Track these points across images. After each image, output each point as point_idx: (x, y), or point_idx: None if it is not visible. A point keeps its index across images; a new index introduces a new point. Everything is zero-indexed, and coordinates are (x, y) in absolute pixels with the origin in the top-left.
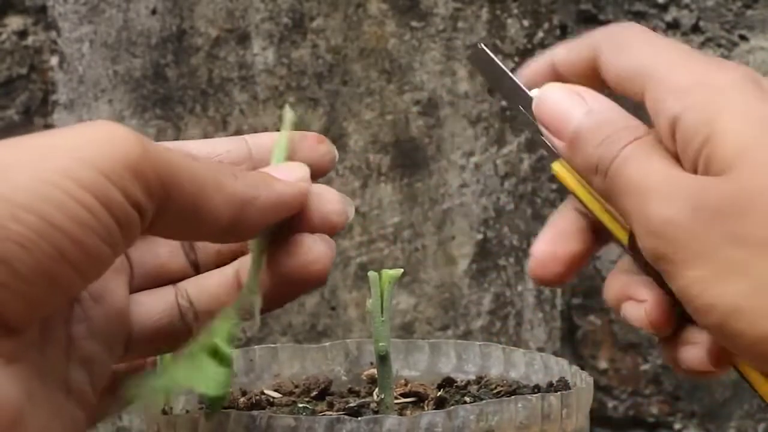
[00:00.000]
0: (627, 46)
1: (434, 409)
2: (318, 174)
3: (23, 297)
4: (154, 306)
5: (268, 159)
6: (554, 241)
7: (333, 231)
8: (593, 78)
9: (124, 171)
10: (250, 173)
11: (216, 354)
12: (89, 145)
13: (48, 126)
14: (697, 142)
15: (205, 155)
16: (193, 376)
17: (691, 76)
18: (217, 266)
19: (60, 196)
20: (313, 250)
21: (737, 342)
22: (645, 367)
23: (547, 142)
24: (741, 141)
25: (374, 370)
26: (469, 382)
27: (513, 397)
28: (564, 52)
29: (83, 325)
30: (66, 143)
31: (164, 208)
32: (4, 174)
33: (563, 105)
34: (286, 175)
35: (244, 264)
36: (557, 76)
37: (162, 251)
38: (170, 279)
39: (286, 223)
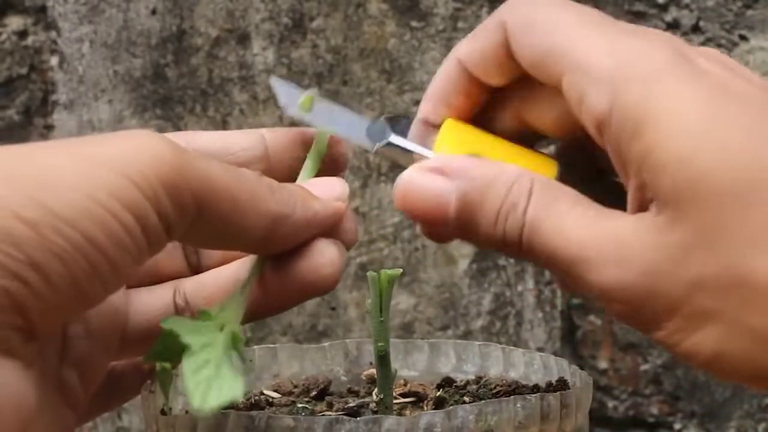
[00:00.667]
0: (537, 22)
1: (433, 409)
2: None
3: (52, 306)
4: (151, 304)
5: (283, 158)
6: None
7: (347, 247)
8: (508, 66)
9: (162, 190)
10: (287, 187)
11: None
12: (132, 160)
13: (48, 126)
14: (635, 153)
15: (218, 150)
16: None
17: (614, 58)
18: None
19: (103, 214)
20: (325, 254)
21: (732, 378)
22: (645, 367)
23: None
24: (685, 157)
25: (373, 370)
26: (468, 382)
27: (512, 397)
28: (467, 47)
29: (80, 325)
30: (110, 156)
31: (195, 223)
32: (53, 185)
33: (427, 191)
34: (325, 192)
35: (243, 265)
36: (467, 77)
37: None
38: (167, 277)
39: None
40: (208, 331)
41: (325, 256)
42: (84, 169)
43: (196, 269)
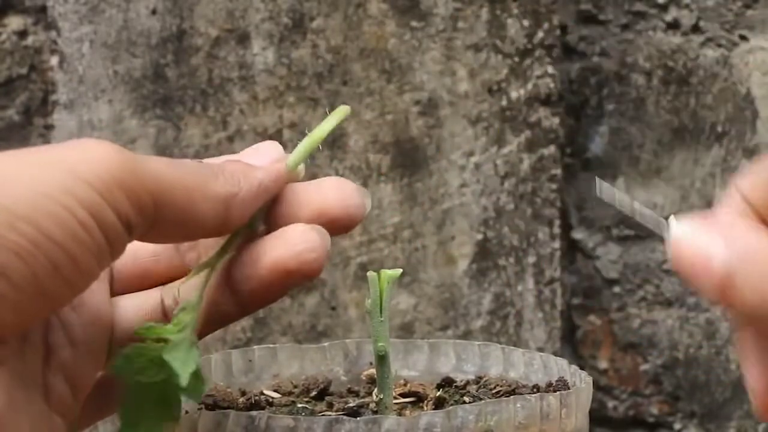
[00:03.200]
0: None
1: (433, 409)
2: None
3: (16, 307)
4: (137, 309)
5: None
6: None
7: (353, 223)
8: None
9: (116, 190)
10: (228, 166)
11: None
12: (84, 162)
13: (48, 126)
14: None
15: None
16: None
17: None
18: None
19: (58, 210)
20: (307, 238)
21: None
22: (645, 367)
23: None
24: None
25: (373, 370)
26: (468, 382)
27: (512, 397)
28: (751, 182)
29: (61, 332)
30: (62, 159)
31: (155, 220)
32: (4, 185)
33: (700, 246)
34: (262, 160)
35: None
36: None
37: (143, 253)
38: (156, 282)
39: (290, 212)
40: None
41: (306, 241)
42: (37, 171)
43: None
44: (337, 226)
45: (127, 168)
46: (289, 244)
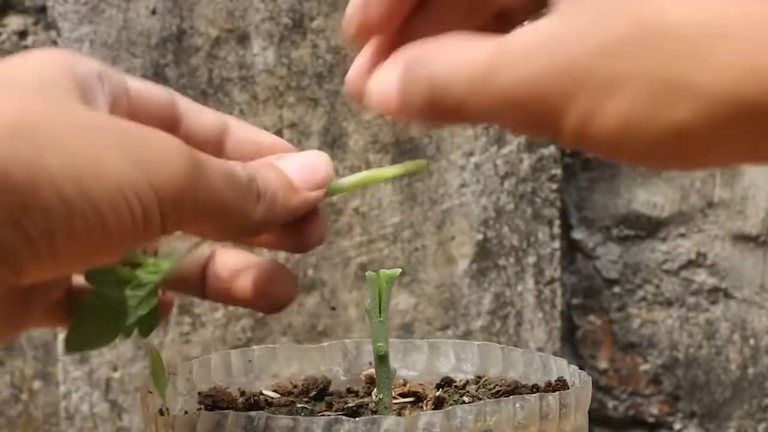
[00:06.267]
0: None
1: (432, 409)
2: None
3: (47, 265)
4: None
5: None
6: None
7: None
8: None
9: (172, 203)
10: (271, 186)
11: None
12: (157, 162)
13: None
14: None
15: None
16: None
17: None
18: None
19: (119, 199)
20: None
21: (636, 152)
22: (645, 367)
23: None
24: None
25: (373, 370)
26: (467, 382)
27: (511, 396)
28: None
29: None
30: (143, 148)
31: (187, 227)
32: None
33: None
34: (307, 179)
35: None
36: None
37: None
38: None
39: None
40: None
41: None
42: (116, 160)
43: None
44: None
45: (191, 186)
46: (261, 287)
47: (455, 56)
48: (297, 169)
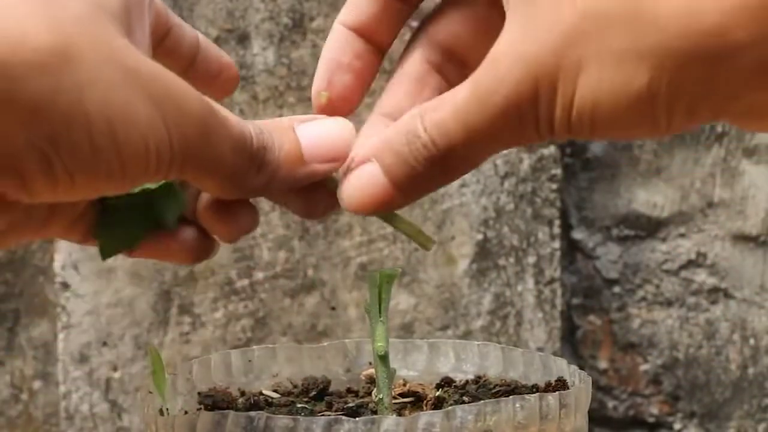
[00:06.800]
0: None
1: (432, 409)
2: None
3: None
4: None
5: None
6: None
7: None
8: (399, 14)
9: (180, 153)
10: (278, 157)
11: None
12: (175, 112)
13: None
14: None
15: None
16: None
17: None
18: None
19: (150, 148)
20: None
21: (611, 128)
22: (645, 367)
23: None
24: None
25: (373, 370)
26: (467, 382)
27: (511, 396)
28: (352, 15)
29: None
30: (167, 92)
31: (189, 178)
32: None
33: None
34: (322, 151)
35: None
36: (359, 43)
37: None
38: None
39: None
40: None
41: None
42: (144, 106)
43: None
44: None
45: (200, 143)
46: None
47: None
48: (314, 138)
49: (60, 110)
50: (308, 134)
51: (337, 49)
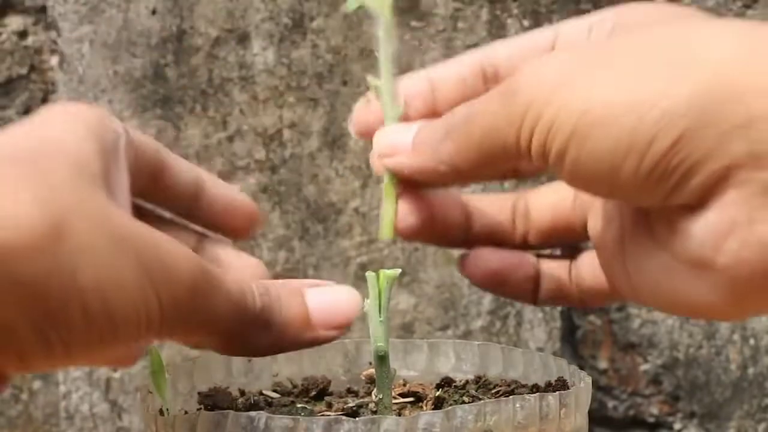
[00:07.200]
0: None
1: (432, 409)
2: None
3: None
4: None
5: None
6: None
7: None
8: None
9: (173, 316)
10: (285, 319)
11: None
12: (170, 275)
13: None
14: None
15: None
16: None
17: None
18: None
19: (141, 313)
20: None
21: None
22: (645, 367)
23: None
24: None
25: (373, 370)
26: (467, 382)
27: (511, 396)
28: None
29: None
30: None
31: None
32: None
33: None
34: (328, 318)
35: None
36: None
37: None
38: None
39: None
40: None
41: None
42: (159, 269)
43: None
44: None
45: (194, 307)
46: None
47: None
48: (324, 304)
49: (55, 289)
50: (318, 300)
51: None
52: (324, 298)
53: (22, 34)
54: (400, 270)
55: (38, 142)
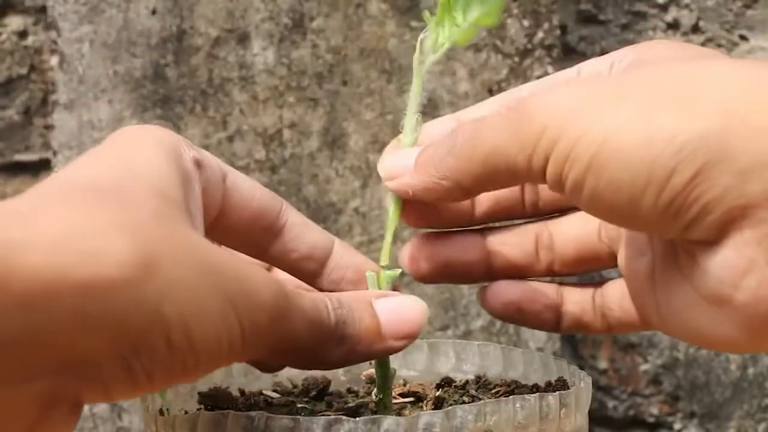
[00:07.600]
0: None
1: (432, 409)
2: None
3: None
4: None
5: None
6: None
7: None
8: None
9: (253, 339)
10: (358, 332)
11: None
12: (248, 295)
13: (48, 126)
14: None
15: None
16: None
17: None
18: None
19: (219, 325)
20: None
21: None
22: (645, 367)
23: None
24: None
25: (373, 370)
26: (467, 382)
27: (511, 396)
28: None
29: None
30: (244, 277)
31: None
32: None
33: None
34: (398, 328)
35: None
36: None
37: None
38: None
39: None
40: None
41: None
42: (227, 303)
43: None
44: None
45: (274, 330)
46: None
47: None
48: (391, 315)
49: (141, 320)
50: (387, 310)
51: None
52: (392, 309)
53: (22, 34)
54: (400, 270)
55: (122, 170)
